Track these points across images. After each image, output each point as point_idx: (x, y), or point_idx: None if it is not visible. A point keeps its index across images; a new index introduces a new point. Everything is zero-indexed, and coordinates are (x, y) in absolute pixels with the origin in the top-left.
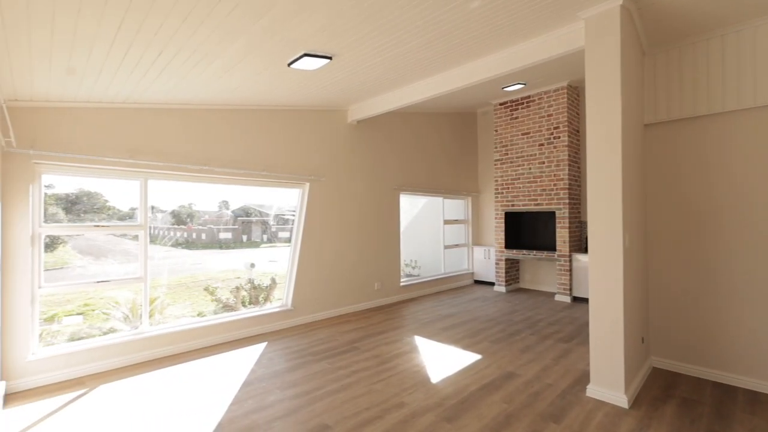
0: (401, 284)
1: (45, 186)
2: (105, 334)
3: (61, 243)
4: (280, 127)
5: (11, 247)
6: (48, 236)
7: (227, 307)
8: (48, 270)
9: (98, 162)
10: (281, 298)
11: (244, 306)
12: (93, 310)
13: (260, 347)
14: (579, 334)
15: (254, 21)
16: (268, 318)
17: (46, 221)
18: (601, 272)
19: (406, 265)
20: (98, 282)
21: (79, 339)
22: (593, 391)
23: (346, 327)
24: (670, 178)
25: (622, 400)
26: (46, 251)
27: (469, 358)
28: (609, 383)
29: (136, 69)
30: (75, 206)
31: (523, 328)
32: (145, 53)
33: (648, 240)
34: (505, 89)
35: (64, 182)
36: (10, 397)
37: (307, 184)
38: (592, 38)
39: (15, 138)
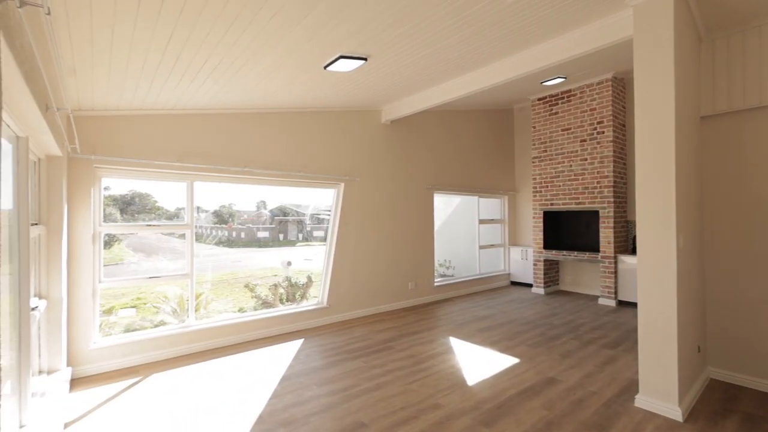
0: (435, 284)
1: (103, 188)
2: (156, 326)
3: (116, 241)
4: (315, 129)
5: (76, 245)
6: (106, 234)
7: (266, 304)
8: (105, 266)
9: (150, 165)
10: (317, 296)
11: (281, 303)
12: (144, 304)
13: (297, 343)
14: (625, 340)
15: (292, 27)
16: (304, 315)
17: (104, 221)
18: (652, 275)
19: (440, 265)
20: (150, 278)
21: (133, 330)
22: (643, 401)
23: (381, 326)
24: (731, 174)
25: (675, 413)
26: (104, 248)
27: (507, 361)
28: (661, 394)
29: (184, 77)
30: (129, 207)
31: (563, 333)
32: (192, 62)
33: (705, 241)
34: (543, 84)
35: (119, 184)
36: (75, 382)
37: (342, 184)
38: (642, 26)
39: (79, 145)
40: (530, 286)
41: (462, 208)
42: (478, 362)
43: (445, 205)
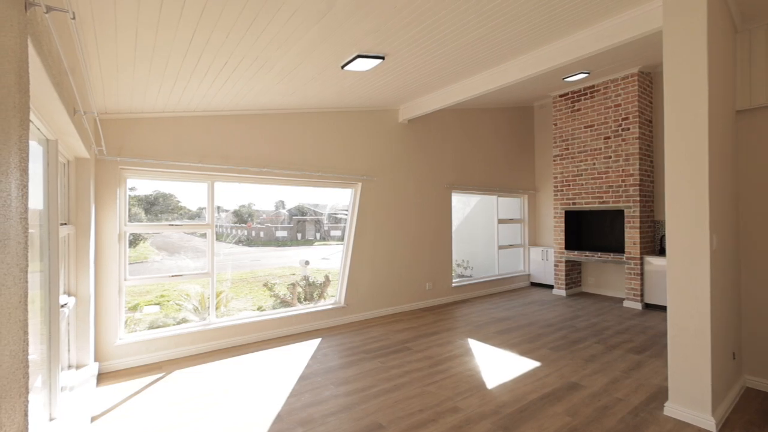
0: (453, 285)
1: (128, 189)
2: (178, 323)
3: (142, 240)
4: (333, 129)
5: (103, 244)
6: (130, 234)
7: (284, 303)
8: (130, 264)
9: (173, 166)
10: (334, 295)
11: (299, 302)
12: (168, 301)
13: (315, 342)
14: (653, 344)
15: (309, 27)
16: (322, 314)
17: (129, 221)
18: (683, 277)
19: (458, 265)
20: (172, 276)
21: (156, 327)
22: (672, 409)
23: (398, 326)
24: None
25: (708, 423)
26: (129, 247)
27: (527, 364)
28: (692, 402)
29: (204, 79)
30: (153, 207)
31: (587, 336)
32: (211, 65)
33: (740, 242)
34: (566, 80)
35: (144, 185)
36: (101, 377)
37: (359, 183)
38: (673, 17)
39: (106, 147)
40: (551, 287)
41: (480, 207)
42: (497, 365)
43: (464, 205)
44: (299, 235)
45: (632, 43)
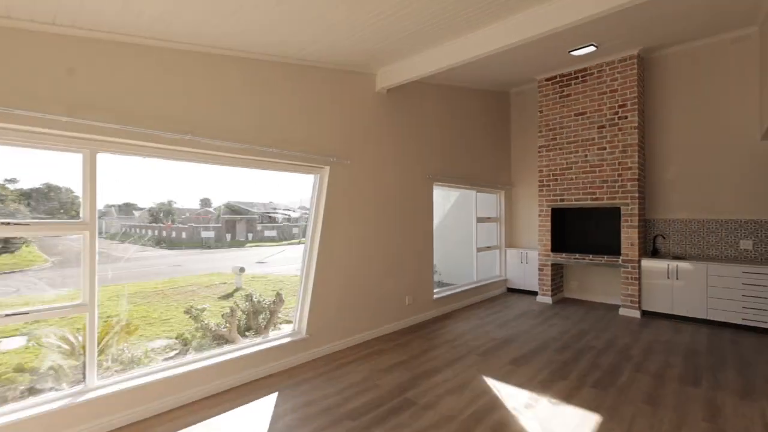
0: (434, 297)
1: (6, 180)
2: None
3: (24, 243)
4: (291, 89)
5: None
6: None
7: (218, 338)
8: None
9: (13, 119)
10: (290, 319)
11: (240, 335)
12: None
13: (268, 402)
14: (696, 369)
15: None
16: (276, 352)
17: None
18: None
19: None
20: (6, 315)
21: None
22: None
23: (383, 361)
24: None
25: None
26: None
27: (585, 419)
28: None
29: None
30: (41, 203)
31: (617, 362)
32: None
33: None
34: (572, 53)
35: (29, 175)
36: None
37: (326, 168)
38: None
39: None
40: (533, 293)
41: (456, 204)
42: (547, 424)
43: (443, 199)
44: (228, 236)
45: (640, 17)
